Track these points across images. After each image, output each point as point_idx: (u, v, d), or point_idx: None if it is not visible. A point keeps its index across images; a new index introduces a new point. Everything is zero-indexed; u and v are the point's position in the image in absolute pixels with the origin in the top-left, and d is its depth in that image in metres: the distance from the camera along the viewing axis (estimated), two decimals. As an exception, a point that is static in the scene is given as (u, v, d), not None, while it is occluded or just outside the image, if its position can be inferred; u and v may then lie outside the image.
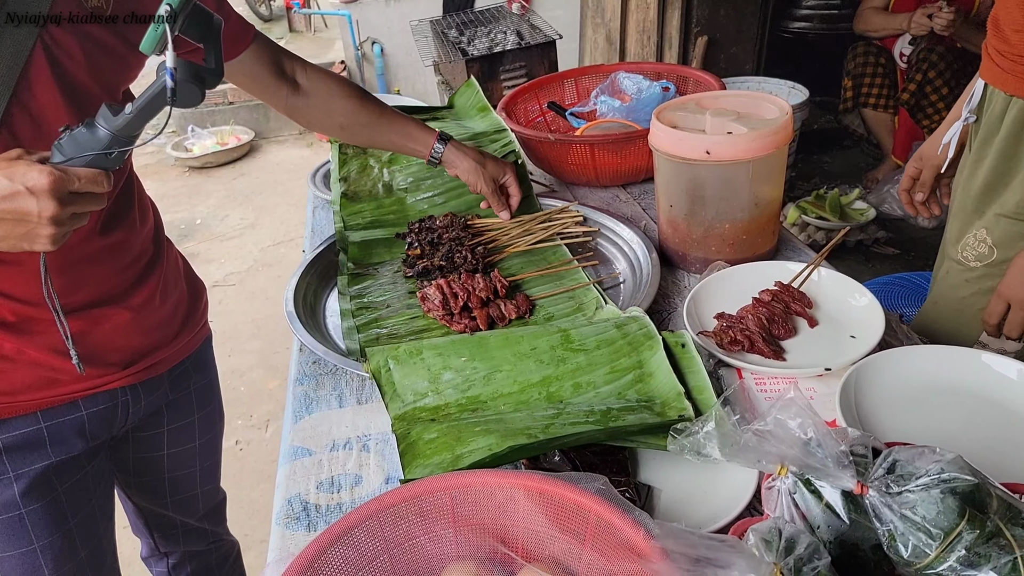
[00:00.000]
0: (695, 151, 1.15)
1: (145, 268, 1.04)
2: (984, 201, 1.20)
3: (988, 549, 0.59)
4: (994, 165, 1.17)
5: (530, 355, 0.96)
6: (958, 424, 0.86)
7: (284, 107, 1.23)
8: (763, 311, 1.05)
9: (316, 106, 1.23)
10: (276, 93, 1.20)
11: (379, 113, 1.27)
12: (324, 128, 1.30)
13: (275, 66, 1.18)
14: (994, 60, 1.16)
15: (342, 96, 1.24)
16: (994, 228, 1.17)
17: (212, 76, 0.73)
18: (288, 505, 0.86)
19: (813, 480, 0.69)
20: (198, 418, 1.24)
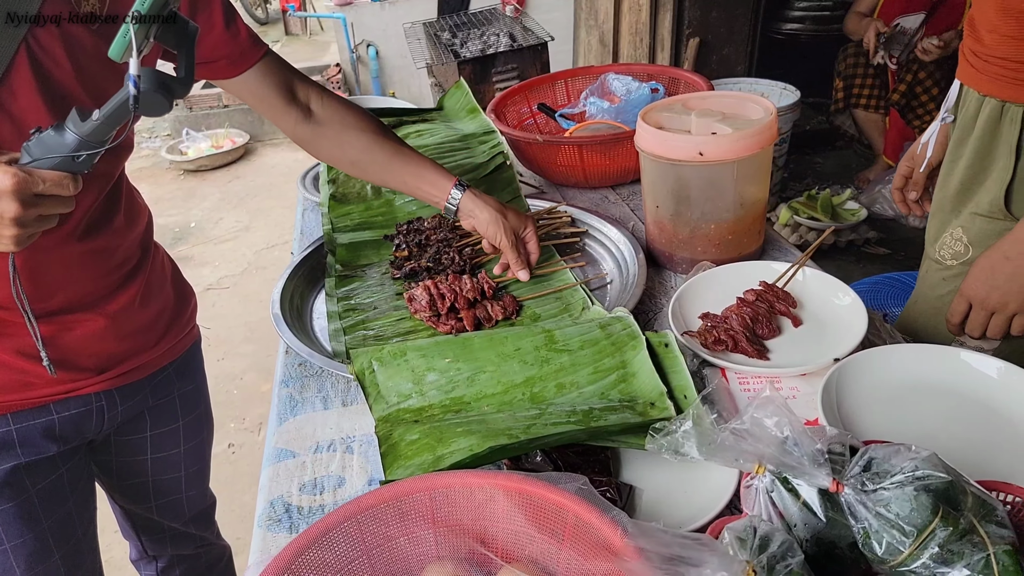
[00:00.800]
0: (680, 152, 1.15)
1: (128, 274, 1.04)
2: (960, 200, 1.21)
3: (962, 546, 0.60)
4: (969, 164, 1.18)
5: (514, 356, 0.96)
6: (939, 422, 0.86)
7: (293, 133, 1.18)
8: (747, 311, 1.06)
9: (328, 136, 1.18)
10: (285, 117, 1.15)
11: (395, 151, 1.20)
12: (334, 161, 1.25)
13: (286, 89, 1.13)
14: (969, 61, 1.17)
15: (357, 129, 1.18)
16: (970, 227, 1.18)
17: (180, 86, 0.72)
18: (270, 507, 0.86)
19: (790, 478, 0.69)
20: (183, 424, 1.23)
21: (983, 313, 1.10)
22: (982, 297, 1.09)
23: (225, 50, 1.05)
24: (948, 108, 1.25)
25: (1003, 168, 1.12)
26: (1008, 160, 1.11)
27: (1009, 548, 0.59)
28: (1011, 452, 0.81)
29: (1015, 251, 1.04)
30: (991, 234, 1.14)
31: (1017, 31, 1.04)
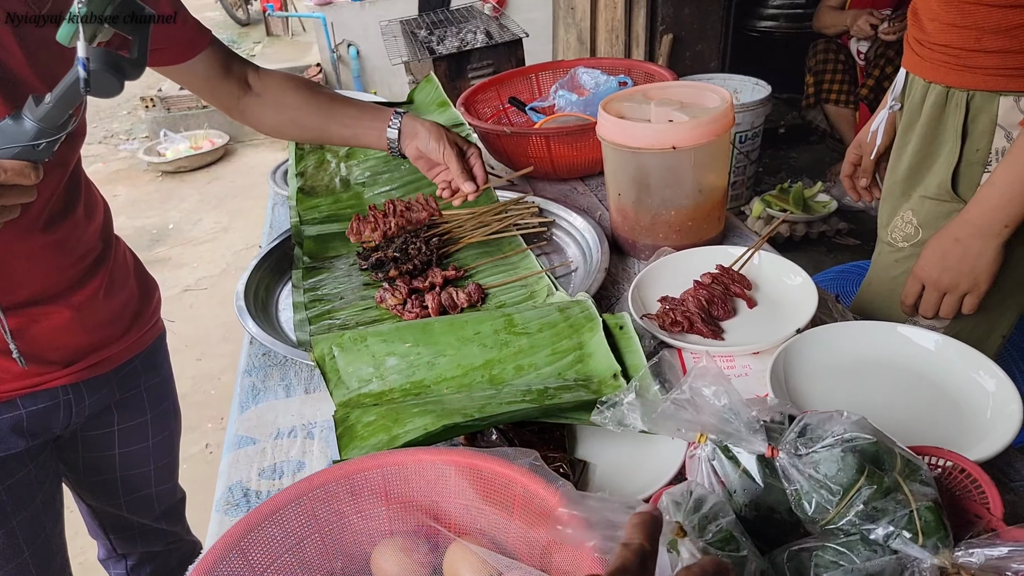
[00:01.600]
0: (639, 140, 1.18)
1: (91, 266, 1.04)
2: (910, 184, 1.24)
3: (886, 503, 0.62)
4: (917, 150, 1.20)
5: (474, 339, 0.98)
6: (881, 394, 0.89)
7: (237, 109, 1.22)
8: (703, 293, 1.08)
9: (266, 103, 1.22)
10: (229, 96, 1.19)
11: (331, 99, 1.24)
12: (277, 127, 1.26)
13: (228, 70, 1.18)
14: (914, 49, 1.20)
15: (292, 88, 1.22)
16: (919, 209, 1.21)
17: (133, 67, 0.73)
18: (229, 492, 0.87)
19: (731, 447, 0.71)
20: (151, 417, 1.23)
21: (936, 294, 1.13)
22: (934, 278, 1.11)
23: (173, 38, 1.07)
24: (895, 96, 1.28)
25: (950, 152, 1.14)
26: (954, 144, 1.13)
27: (931, 504, 0.62)
28: (948, 419, 0.84)
29: (964, 233, 1.07)
30: (940, 215, 1.17)
31: (958, 19, 1.07)
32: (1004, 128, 1.08)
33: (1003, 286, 1.12)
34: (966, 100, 1.11)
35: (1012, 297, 1.19)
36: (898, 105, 1.29)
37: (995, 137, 1.09)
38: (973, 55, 1.07)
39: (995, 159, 1.11)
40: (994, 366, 0.86)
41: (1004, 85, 1.05)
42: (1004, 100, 1.06)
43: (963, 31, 1.07)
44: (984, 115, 1.09)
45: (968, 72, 1.09)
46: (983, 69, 1.07)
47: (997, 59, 1.05)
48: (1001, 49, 1.04)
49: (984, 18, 1.03)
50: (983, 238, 1.05)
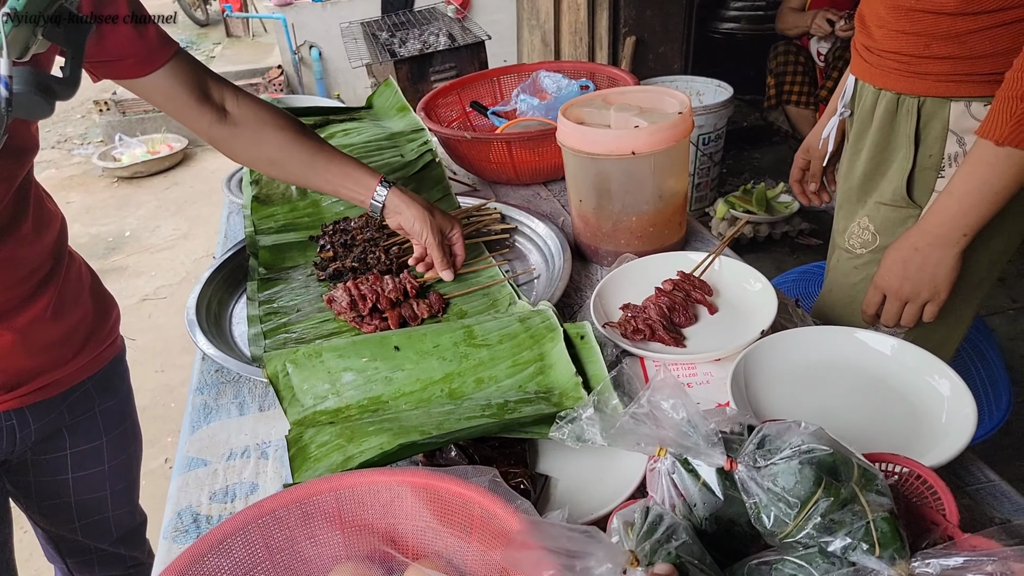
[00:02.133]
0: (599, 146, 1.17)
1: (38, 285, 0.99)
2: (864, 191, 1.24)
3: (843, 515, 0.62)
4: (870, 156, 1.20)
5: (432, 352, 0.96)
6: (839, 399, 0.89)
7: (208, 135, 1.13)
8: (664, 300, 1.08)
9: (245, 136, 1.13)
10: (199, 118, 1.10)
11: (316, 149, 1.16)
12: (252, 161, 1.20)
13: (199, 89, 1.09)
14: (862, 56, 1.19)
15: (275, 127, 1.14)
16: (875, 216, 1.21)
17: (63, 87, 0.69)
18: (177, 518, 0.84)
19: (690, 460, 0.70)
20: (106, 441, 1.18)
21: (897, 303, 1.13)
22: (895, 288, 1.11)
23: (131, 48, 1.01)
24: (845, 103, 1.28)
25: (903, 158, 1.14)
26: (907, 150, 1.13)
27: (887, 515, 0.62)
28: (904, 423, 0.84)
29: (923, 242, 1.06)
30: (896, 222, 1.18)
31: (907, 26, 1.07)
32: (956, 133, 1.08)
33: (961, 290, 1.13)
34: (917, 106, 1.11)
35: (969, 301, 1.20)
36: (848, 112, 1.29)
37: (947, 143, 1.10)
38: (923, 62, 1.07)
39: (948, 164, 1.11)
40: (948, 370, 0.87)
41: (954, 91, 1.06)
42: (955, 106, 1.07)
43: (912, 38, 1.07)
44: (936, 121, 1.09)
45: (918, 79, 1.09)
46: (933, 75, 1.07)
47: (947, 65, 1.05)
48: (951, 55, 1.04)
49: (933, 25, 1.03)
50: (942, 247, 1.05)
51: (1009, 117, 0.92)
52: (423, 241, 1.18)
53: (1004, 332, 2.45)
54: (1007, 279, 2.75)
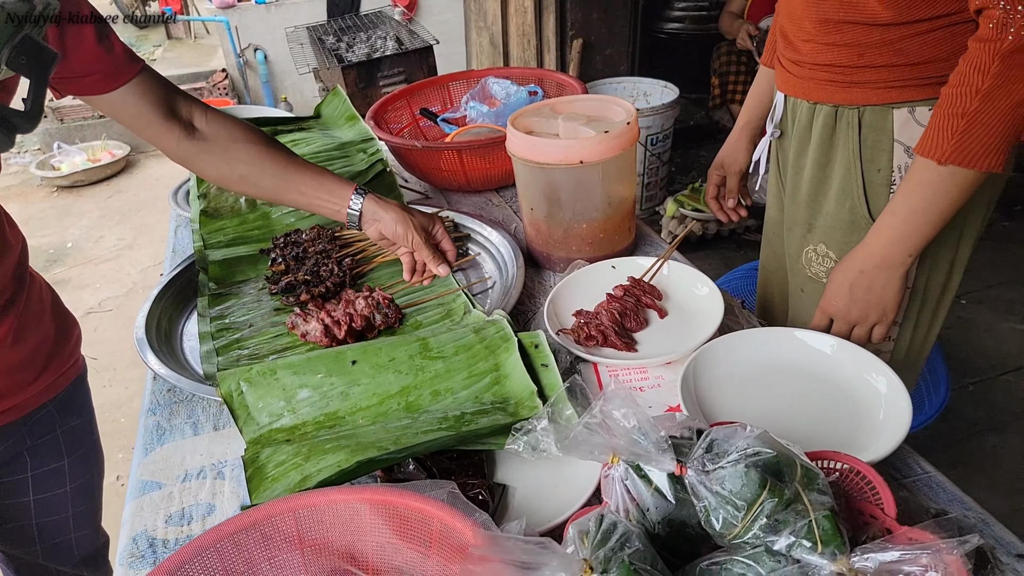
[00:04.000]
0: (548, 155, 1.18)
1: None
2: (812, 213, 1.20)
3: (787, 515, 0.65)
4: (813, 175, 1.17)
5: (388, 366, 0.96)
6: (784, 398, 0.93)
7: (176, 152, 1.11)
8: (616, 306, 1.10)
9: (214, 152, 1.12)
10: (166, 135, 1.09)
11: (287, 162, 1.15)
12: (222, 178, 1.16)
13: (165, 107, 1.07)
14: (790, 71, 1.16)
15: (245, 142, 1.12)
16: (832, 242, 1.18)
17: (24, 120, 0.67)
18: (133, 544, 0.83)
19: (642, 466, 0.73)
20: (68, 462, 1.16)
21: (845, 326, 1.09)
22: (843, 312, 1.08)
23: (97, 65, 0.99)
24: (775, 123, 1.25)
25: (847, 174, 1.11)
26: (853, 166, 1.10)
27: (828, 513, 0.65)
28: (845, 420, 0.88)
29: (868, 264, 1.03)
30: (853, 244, 1.10)
31: (837, 39, 1.04)
32: (903, 143, 1.05)
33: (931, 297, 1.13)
34: (858, 117, 1.08)
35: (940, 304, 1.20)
36: (779, 132, 1.26)
37: (895, 154, 1.06)
38: (858, 71, 1.04)
39: (899, 177, 1.08)
40: (885, 367, 0.91)
41: (895, 97, 1.03)
42: (898, 113, 1.04)
43: (844, 49, 1.04)
44: (878, 131, 1.06)
45: (856, 88, 1.05)
46: (870, 83, 1.03)
47: (884, 73, 1.02)
48: (887, 64, 1.01)
49: (864, 35, 1.01)
50: (887, 269, 1.02)
51: (950, 135, 0.90)
52: (409, 243, 1.18)
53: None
54: (941, 270, 2.88)
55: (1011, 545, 0.78)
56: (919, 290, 1.14)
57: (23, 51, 0.67)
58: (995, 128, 0.88)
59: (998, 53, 0.85)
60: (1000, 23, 0.84)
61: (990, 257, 2.99)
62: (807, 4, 1.06)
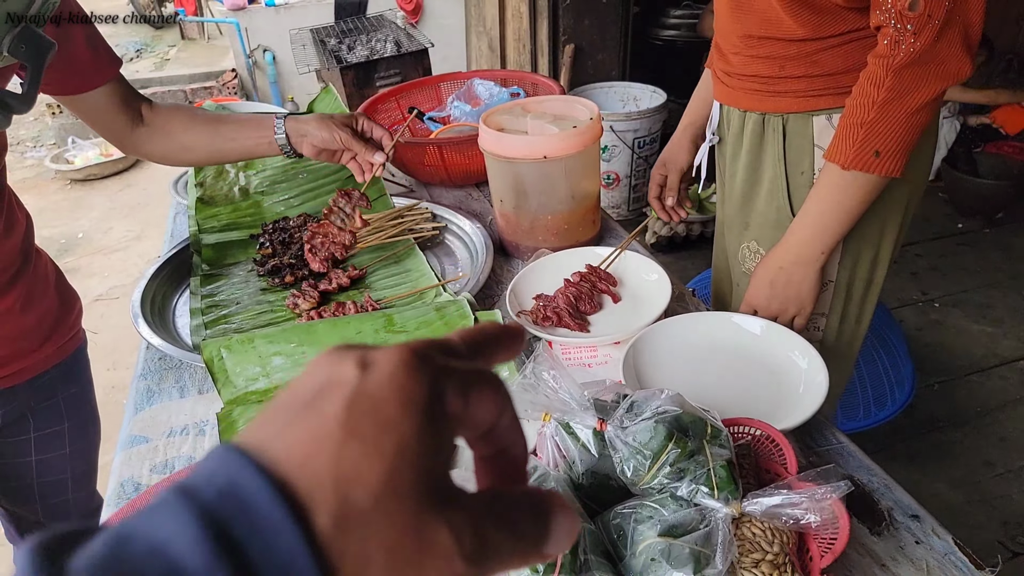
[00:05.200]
0: (516, 151, 1.27)
1: (8, 281, 1.06)
2: (745, 213, 1.29)
3: (688, 464, 0.73)
4: (745, 177, 1.25)
5: (355, 338, 1.05)
6: (717, 374, 1.01)
7: (130, 142, 1.22)
8: (572, 291, 1.19)
9: (156, 132, 1.22)
10: (123, 129, 1.19)
11: (216, 119, 1.26)
12: (168, 154, 1.26)
13: (125, 103, 1.17)
14: (723, 82, 1.24)
15: (179, 117, 1.23)
16: (761, 238, 1.26)
17: (20, 102, 0.75)
18: (120, 488, 0.92)
19: (571, 424, 0.82)
20: (68, 426, 1.25)
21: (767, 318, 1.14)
22: (764, 305, 1.17)
23: (81, 65, 1.07)
24: (713, 129, 1.34)
25: (773, 176, 1.19)
26: (778, 169, 1.18)
27: (725, 464, 0.74)
28: (769, 394, 0.97)
29: (787, 260, 1.12)
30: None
31: (761, 52, 1.12)
32: (821, 148, 1.13)
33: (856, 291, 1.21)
34: (782, 124, 1.15)
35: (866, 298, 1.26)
36: (717, 138, 1.34)
37: (815, 158, 1.14)
38: (780, 81, 1.12)
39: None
40: (808, 346, 1.00)
41: (813, 105, 1.11)
42: (817, 120, 1.12)
43: (767, 61, 1.12)
44: (800, 137, 1.14)
45: (779, 97, 1.13)
46: (791, 93, 1.12)
47: (803, 83, 1.10)
48: (805, 75, 1.09)
49: (784, 49, 1.08)
50: (803, 265, 1.10)
51: (852, 143, 0.98)
52: (339, 141, 1.25)
53: (913, 323, 2.64)
54: (918, 273, 2.96)
55: (908, 507, 0.86)
56: (843, 285, 1.20)
57: (23, 40, 0.74)
58: (891, 136, 0.97)
59: (891, 68, 0.93)
60: (893, 41, 0.93)
61: (968, 262, 3.06)
62: (733, 20, 1.14)
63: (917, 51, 0.91)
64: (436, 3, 5.21)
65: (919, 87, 0.94)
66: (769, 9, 1.06)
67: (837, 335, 1.27)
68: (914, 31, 0.90)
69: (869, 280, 1.23)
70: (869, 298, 1.25)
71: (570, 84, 3.28)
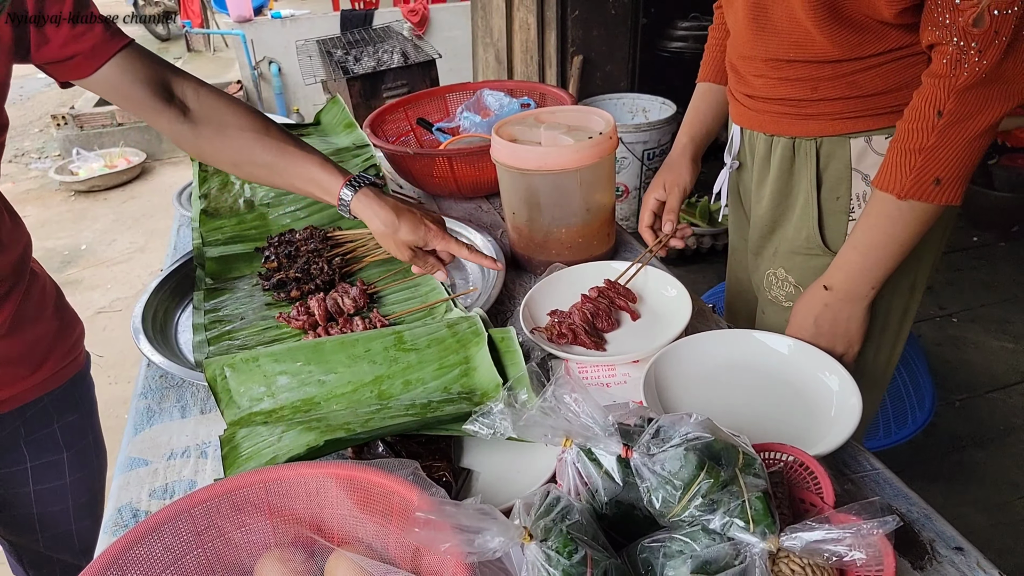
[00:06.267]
0: (529, 162, 1.24)
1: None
2: (773, 239, 1.22)
3: (722, 496, 0.68)
4: (775, 205, 1.18)
5: (364, 357, 1.01)
6: (743, 395, 0.97)
7: (170, 133, 1.09)
8: (589, 307, 1.15)
9: (206, 137, 1.09)
10: (160, 116, 1.06)
11: (280, 151, 1.09)
12: (216, 163, 1.14)
13: (157, 85, 1.05)
14: (744, 104, 1.17)
15: (237, 128, 1.08)
16: (791, 267, 1.19)
17: None
18: (118, 514, 0.88)
19: (593, 450, 0.77)
20: (68, 456, 1.19)
21: None
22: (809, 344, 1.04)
23: (76, 47, 0.99)
24: (733, 155, 1.27)
25: (806, 203, 1.13)
26: (811, 195, 1.12)
27: (761, 495, 0.69)
28: (799, 416, 0.92)
29: (833, 297, 1.03)
30: (815, 270, 1.13)
31: (790, 74, 1.05)
32: (860, 172, 1.07)
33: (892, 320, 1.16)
34: (816, 148, 1.09)
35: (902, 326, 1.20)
36: (737, 164, 1.28)
37: (853, 182, 1.08)
38: (813, 104, 1.05)
39: (858, 205, 1.09)
40: (838, 366, 0.95)
41: (851, 127, 1.04)
42: (855, 143, 1.05)
43: (797, 83, 1.05)
44: (836, 161, 1.07)
45: (812, 120, 1.07)
46: (826, 115, 1.05)
47: (839, 105, 1.03)
48: (841, 96, 1.02)
49: (816, 71, 1.02)
50: (851, 302, 1.02)
51: (909, 170, 0.91)
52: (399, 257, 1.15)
53: (931, 338, 2.59)
54: (934, 287, 2.91)
55: (951, 539, 0.81)
56: (880, 314, 1.14)
57: None
58: (952, 162, 0.90)
59: (953, 89, 0.86)
60: (954, 59, 0.86)
61: (984, 276, 3.01)
62: (756, 43, 1.07)
63: (983, 70, 0.84)
64: (443, 15, 5.21)
65: (983, 109, 0.87)
66: (797, 30, 0.99)
67: (872, 365, 1.20)
68: (979, 49, 0.83)
69: (905, 308, 1.17)
70: (904, 326, 1.19)
71: (578, 95, 3.25)
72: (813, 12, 0.94)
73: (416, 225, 1.11)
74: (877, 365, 1.22)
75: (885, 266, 0.99)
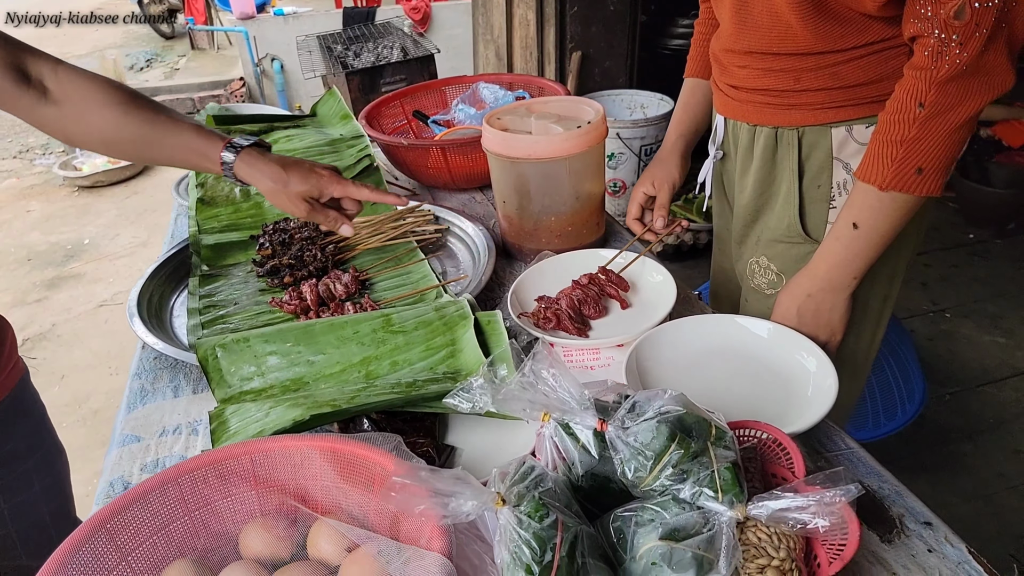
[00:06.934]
0: (518, 150, 1.26)
1: None
2: (756, 228, 1.24)
3: (692, 465, 0.70)
4: (758, 194, 1.20)
5: (352, 338, 1.03)
6: (724, 377, 0.99)
7: (33, 119, 1.00)
8: (578, 293, 1.17)
9: (70, 118, 1.01)
10: (18, 102, 0.98)
11: (150, 122, 1.03)
12: (87, 145, 1.05)
13: (10, 68, 0.96)
14: (728, 95, 1.18)
15: (102, 103, 1.00)
16: (774, 255, 1.20)
17: None
18: (110, 487, 0.90)
19: (571, 425, 0.79)
20: (33, 463, 1.18)
21: None
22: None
23: None
24: (717, 144, 1.28)
25: (788, 192, 1.14)
26: (792, 184, 1.13)
27: (730, 466, 0.71)
28: (777, 396, 0.94)
29: (815, 287, 1.05)
30: (797, 258, 1.16)
31: (773, 65, 1.06)
32: (841, 160, 1.08)
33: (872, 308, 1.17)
34: (798, 138, 1.10)
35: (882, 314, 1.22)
36: (721, 154, 1.29)
37: (834, 171, 1.09)
38: (796, 95, 1.06)
39: (838, 194, 1.11)
40: (816, 348, 0.97)
41: (832, 117, 1.05)
42: (836, 132, 1.06)
43: (780, 75, 1.06)
44: (818, 150, 1.09)
45: (794, 111, 1.08)
46: (808, 105, 1.06)
47: (821, 96, 1.04)
48: (823, 87, 1.03)
49: (799, 62, 1.03)
50: (834, 292, 1.03)
51: (890, 162, 0.92)
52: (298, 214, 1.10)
53: (924, 333, 2.60)
54: (928, 283, 2.92)
55: (920, 514, 0.83)
56: (860, 302, 1.14)
57: None
58: (933, 154, 0.91)
59: (935, 81, 0.87)
60: (935, 51, 0.86)
61: (978, 273, 3.02)
62: (739, 38, 1.08)
63: (963, 62, 0.85)
64: (444, 12, 5.24)
65: (964, 100, 0.88)
66: (779, 24, 1.01)
67: (852, 351, 1.22)
68: (960, 41, 0.84)
69: (885, 296, 1.18)
70: (884, 313, 1.21)
71: (577, 91, 3.27)
72: (797, 5, 0.96)
73: (306, 174, 1.07)
74: (859, 352, 1.24)
75: (867, 256, 1.00)
